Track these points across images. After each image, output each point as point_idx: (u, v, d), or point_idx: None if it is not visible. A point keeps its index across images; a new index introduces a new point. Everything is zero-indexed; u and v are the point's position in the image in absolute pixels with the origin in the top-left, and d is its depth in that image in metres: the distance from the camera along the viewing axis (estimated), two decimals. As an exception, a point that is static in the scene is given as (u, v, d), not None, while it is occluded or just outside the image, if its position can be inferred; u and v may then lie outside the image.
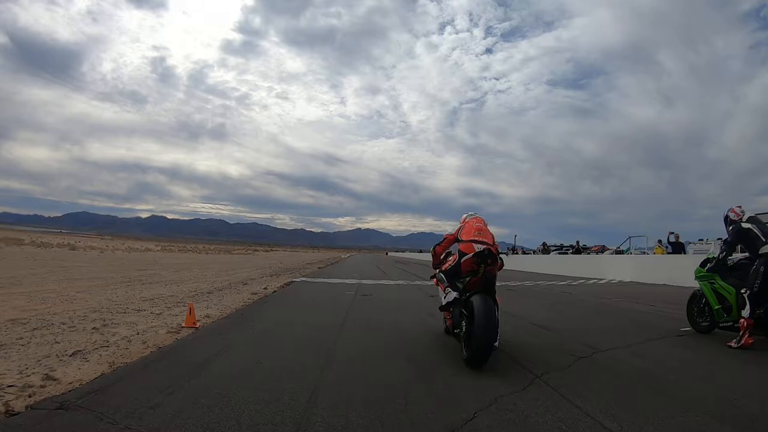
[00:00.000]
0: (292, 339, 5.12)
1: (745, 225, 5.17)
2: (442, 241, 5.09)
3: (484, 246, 4.35)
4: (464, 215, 5.14)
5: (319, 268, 25.07)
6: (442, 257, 5.18)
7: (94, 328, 5.28)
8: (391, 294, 11.08)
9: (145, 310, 6.77)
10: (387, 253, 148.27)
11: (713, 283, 5.44)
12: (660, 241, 19.38)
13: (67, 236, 77.84)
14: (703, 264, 5.75)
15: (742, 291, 4.89)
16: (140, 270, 17.98)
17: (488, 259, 4.32)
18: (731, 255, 5.36)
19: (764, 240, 4.93)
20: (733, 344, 4.82)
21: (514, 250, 36.83)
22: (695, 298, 5.92)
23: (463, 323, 4.24)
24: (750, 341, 4.74)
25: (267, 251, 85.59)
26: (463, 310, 4.31)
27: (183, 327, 5.41)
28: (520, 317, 7.09)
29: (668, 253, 17.79)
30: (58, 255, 25.49)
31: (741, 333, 4.81)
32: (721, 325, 5.39)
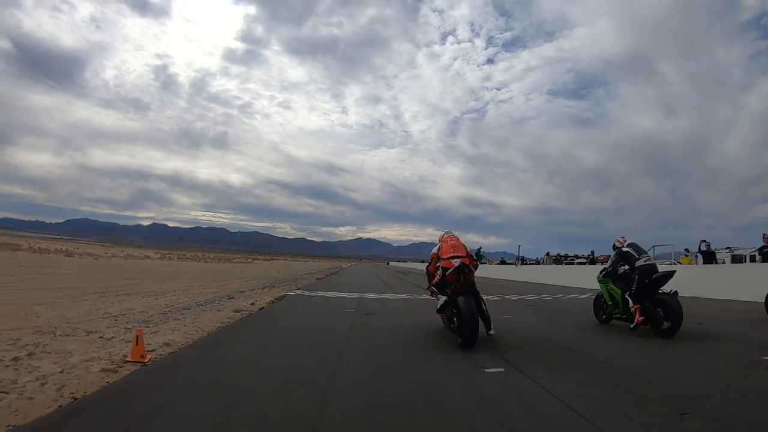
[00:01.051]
0: (262, 393, 3.39)
1: (624, 249, 7.41)
2: (430, 261, 6.53)
3: (460, 260, 5.74)
4: (442, 233, 6.60)
5: (317, 279, 23.37)
6: (434, 274, 6.41)
7: (14, 358, 4.05)
8: (398, 311, 9.43)
9: (96, 332, 5.51)
10: (388, 263, 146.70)
11: (608, 286, 7.58)
12: (687, 250, 18.07)
13: (66, 242, 76.28)
14: (601, 272, 7.89)
15: (626, 294, 7.01)
16: (127, 279, 16.77)
17: (465, 269, 5.74)
18: (616, 268, 7.56)
19: (637, 257, 7.14)
20: (631, 326, 6.83)
21: (523, 260, 35.33)
22: (598, 298, 8.06)
23: (455, 319, 5.67)
24: (641, 319, 6.64)
25: (267, 260, 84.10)
26: (453, 309, 5.74)
27: (128, 361, 4.13)
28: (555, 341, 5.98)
29: (704, 262, 16.21)
30: (50, 261, 24.38)
31: (634, 317, 6.76)
32: (614, 317, 7.53)
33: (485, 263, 38.88)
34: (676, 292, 6.64)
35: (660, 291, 6.78)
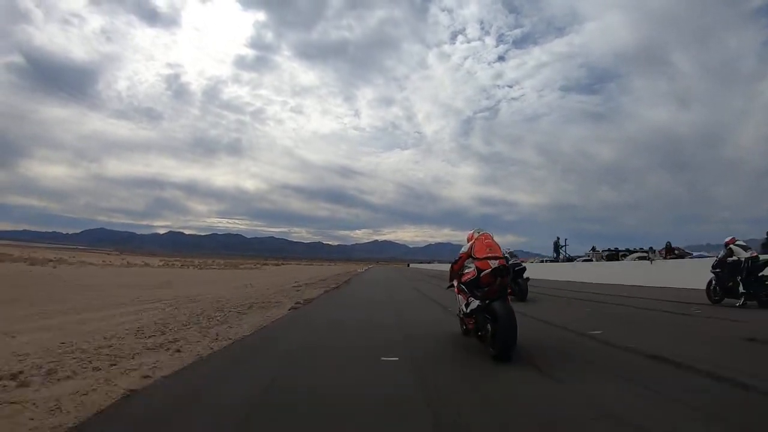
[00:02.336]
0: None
1: (735, 246, 9.96)
2: (458, 260, 6.03)
3: (498, 261, 5.28)
4: (471, 231, 6.05)
5: (325, 291, 16.44)
6: (459, 272, 6.08)
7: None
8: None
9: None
10: (409, 265, 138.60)
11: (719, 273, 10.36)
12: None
13: (75, 252, 74.25)
14: (713, 264, 10.53)
15: (738, 278, 9.70)
16: (96, 290, 13.79)
17: (503, 272, 5.21)
18: (725, 260, 10.16)
19: (745, 252, 9.65)
20: (737, 304, 9.57)
21: (569, 258, 30.94)
22: (709, 284, 10.57)
23: (488, 326, 5.04)
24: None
25: (277, 265, 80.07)
26: (486, 315, 5.13)
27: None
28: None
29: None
30: (39, 272, 21.37)
31: (742, 296, 9.56)
32: (726, 297, 10.16)
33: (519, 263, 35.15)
34: None
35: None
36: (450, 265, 6.30)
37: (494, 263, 5.23)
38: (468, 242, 5.90)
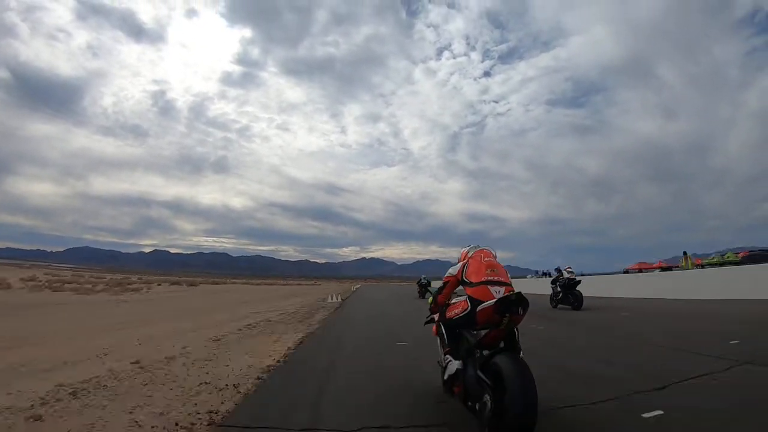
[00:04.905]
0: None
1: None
2: (442, 288, 4.00)
3: (505, 288, 3.34)
4: (465, 249, 4.12)
5: (287, 354, 6.94)
6: (445, 304, 3.96)
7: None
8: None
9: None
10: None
11: None
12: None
13: (41, 269, 69.94)
14: None
15: None
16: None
17: (517, 306, 3.10)
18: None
19: None
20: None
21: (638, 269, 27.47)
22: None
23: (487, 397, 2.93)
24: None
25: (246, 284, 70.42)
26: (482, 377, 3.04)
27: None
28: None
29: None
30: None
31: None
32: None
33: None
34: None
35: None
36: (433, 295, 4.28)
37: (498, 290, 3.33)
38: (460, 261, 3.99)
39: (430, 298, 4.25)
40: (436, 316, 4.24)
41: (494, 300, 3.18)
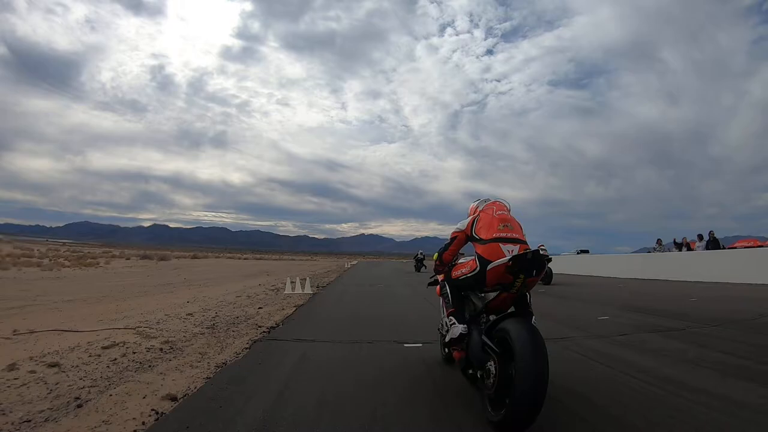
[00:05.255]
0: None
1: None
2: (449, 244, 3.58)
3: (519, 246, 2.98)
4: (473, 203, 3.78)
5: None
6: (451, 263, 3.63)
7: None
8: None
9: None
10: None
11: None
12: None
13: (42, 245, 68.67)
14: None
15: None
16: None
17: (532, 266, 2.80)
18: None
19: None
20: None
21: (685, 245, 21.24)
22: None
23: (491, 365, 2.68)
24: None
25: (231, 258, 61.17)
26: (489, 343, 2.77)
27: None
28: None
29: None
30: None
31: None
32: None
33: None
34: None
35: None
36: (438, 254, 3.75)
37: (511, 249, 2.93)
38: (470, 216, 3.57)
39: (435, 255, 3.79)
40: (439, 278, 3.88)
41: (506, 258, 2.89)
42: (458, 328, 3.17)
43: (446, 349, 3.87)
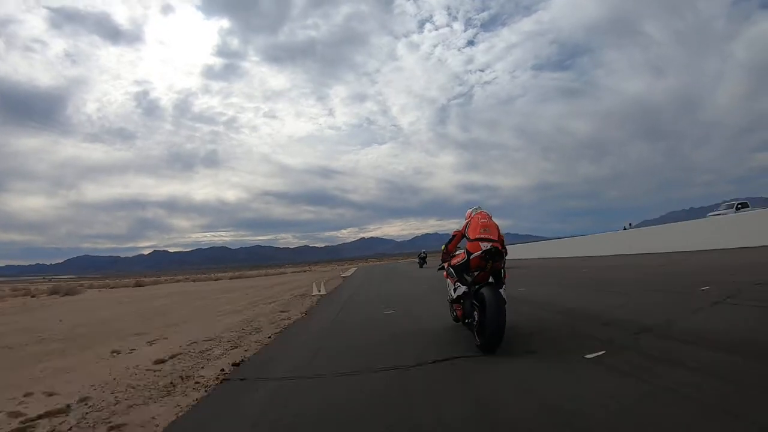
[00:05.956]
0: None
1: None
2: (452, 239, 5.55)
3: (491, 244, 4.69)
4: (469, 210, 5.66)
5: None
6: (452, 253, 5.57)
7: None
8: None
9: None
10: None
11: None
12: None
13: (39, 282, 62.05)
14: None
15: None
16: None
17: (495, 256, 4.66)
18: None
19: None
20: None
21: (742, 204, 22.97)
22: None
23: (475, 313, 4.59)
24: None
25: (232, 279, 48.10)
26: (474, 302, 4.67)
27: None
28: None
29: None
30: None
31: None
32: None
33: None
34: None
35: None
36: (444, 245, 5.69)
37: (486, 245, 4.66)
38: (466, 220, 5.47)
39: (443, 246, 5.69)
40: (445, 265, 5.74)
41: (481, 251, 4.66)
42: (462, 288, 5.06)
43: (453, 312, 5.76)
